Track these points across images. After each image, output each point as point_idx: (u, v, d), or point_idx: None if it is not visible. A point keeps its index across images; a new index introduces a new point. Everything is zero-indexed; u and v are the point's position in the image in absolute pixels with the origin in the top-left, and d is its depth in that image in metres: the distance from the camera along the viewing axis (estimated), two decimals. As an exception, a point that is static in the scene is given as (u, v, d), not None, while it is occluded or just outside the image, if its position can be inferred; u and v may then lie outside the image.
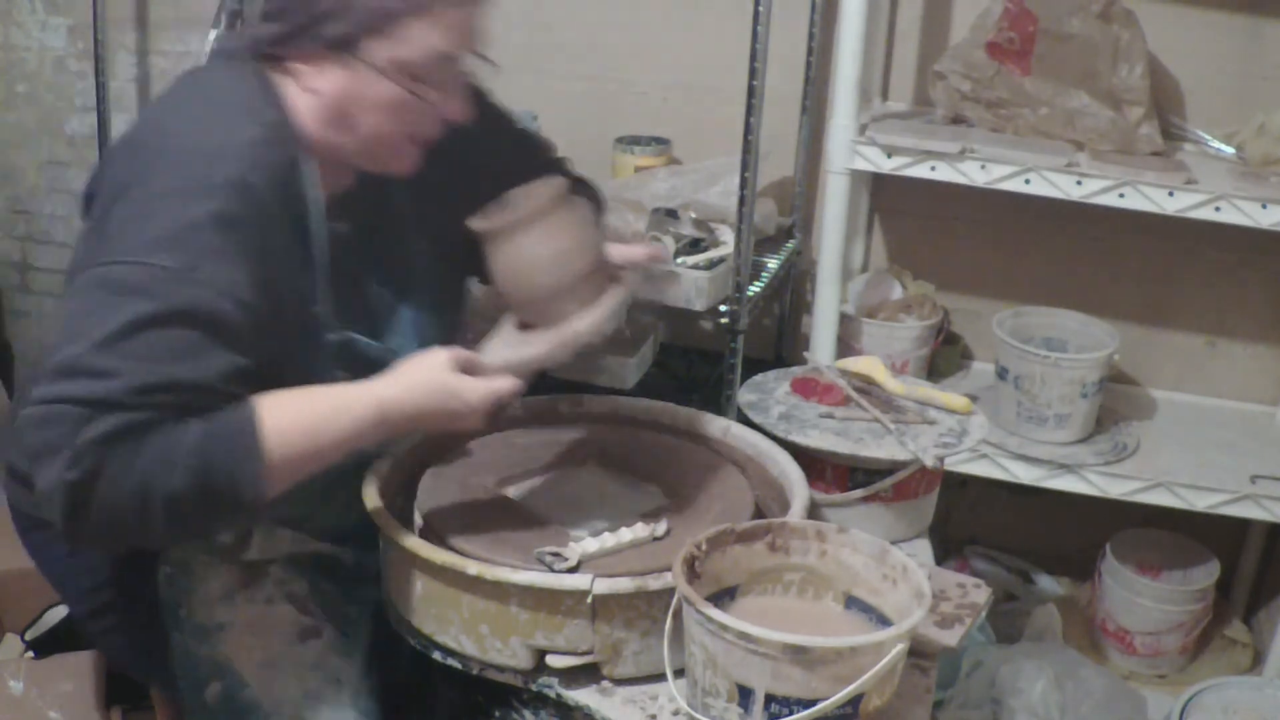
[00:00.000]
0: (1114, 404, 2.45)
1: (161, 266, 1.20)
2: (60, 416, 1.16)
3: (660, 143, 2.49)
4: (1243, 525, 2.52)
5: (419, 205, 1.54)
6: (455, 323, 1.64)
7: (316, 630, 1.52)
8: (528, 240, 1.40)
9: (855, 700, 1.19)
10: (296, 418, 1.27)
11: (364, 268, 1.50)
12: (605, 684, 1.36)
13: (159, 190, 1.25)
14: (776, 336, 2.60)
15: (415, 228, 1.55)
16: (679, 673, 1.29)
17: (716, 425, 1.72)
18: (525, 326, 1.46)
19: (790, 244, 2.47)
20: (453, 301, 1.65)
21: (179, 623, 1.49)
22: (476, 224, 1.42)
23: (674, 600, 1.29)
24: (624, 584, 1.31)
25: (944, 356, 2.56)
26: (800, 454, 1.64)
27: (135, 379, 1.17)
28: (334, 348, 1.42)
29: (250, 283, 1.26)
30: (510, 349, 1.43)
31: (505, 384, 1.37)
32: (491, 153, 1.57)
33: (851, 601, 1.34)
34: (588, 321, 1.40)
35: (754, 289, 2.21)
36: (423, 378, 1.34)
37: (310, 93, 1.37)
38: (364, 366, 1.41)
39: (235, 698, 1.47)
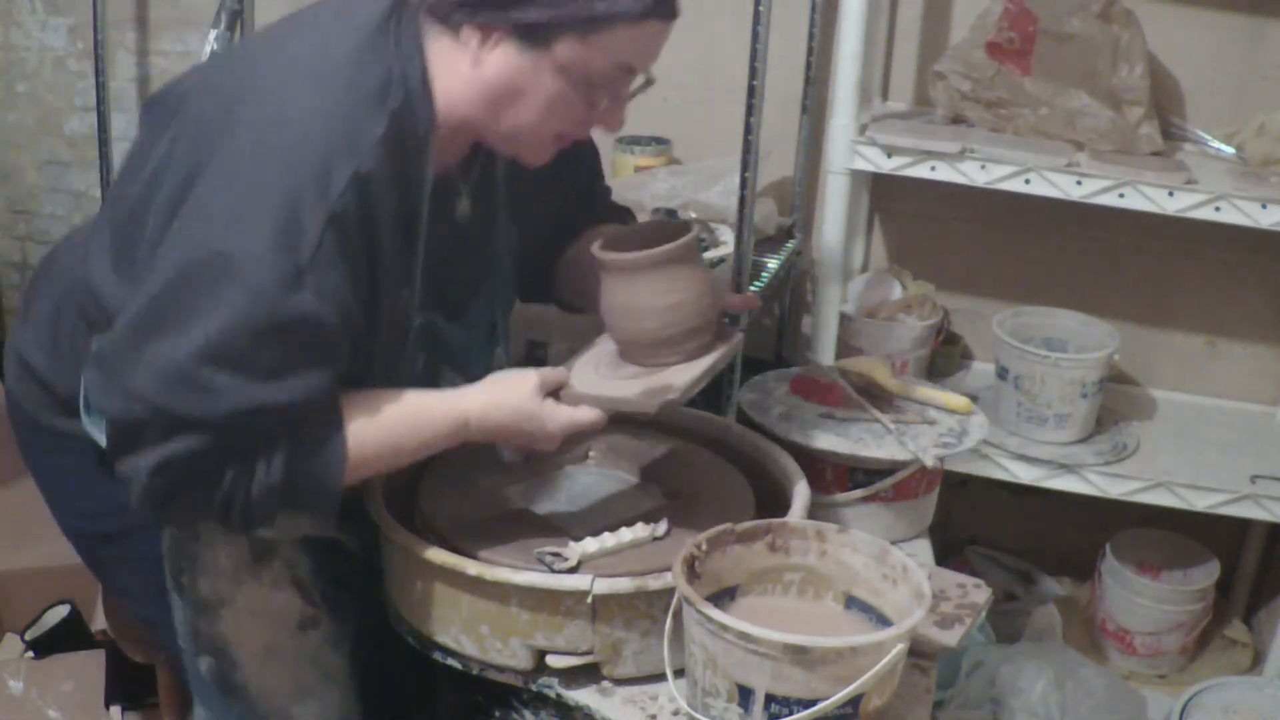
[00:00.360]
0: (1114, 404, 2.45)
1: (270, 264, 1.18)
2: (151, 422, 1.19)
3: (660, 143, 2.49)
4: (1243, 525, 2.52)
5: (515, 197, 1.52)
6: (508, 318, 1.62)
7: (315, 620, 1.50)
8: (648, 283, 1.38)
9: (855, 700, 1.19)
10: (380, 432, 1.31)
11: (453, 250, 1.47)
12: (605, 684, 1.36)
13: (271, 180, 1.21)
14: (776, 336, 2.60)
15: (508, 218, 1.53)
16: (679, 673, 1.29)
17: (716, 425, 1.72)
18: (623, 355, 1.45)
19: (790, 244, 2.46)
20: (512, 299, 1.64)
21: (180, 589, 1.47)
22: (600, 253, 1.40)
23: (674, 600, 1.29)
24: (624, 584, 1.31)
25: (944, 356, 2.56)
26: (800, 454, 1.64)
27: (231, 402, 1.19)
28: (417, 331, 1.41)
29: (354, 289, 1.25)
30: (601, 379, 1.42)
31: (587, 416, 1.36)
32: (580, 162, 1.56)
33: (851, 601, 1.34)
34: (685, 379, 1.38)
35: (754, 289, 2.21)
36: (509, 398, 1.35)
37: (473, 65, 1.31)
38: (441, 350, 1.41)
39: (228, 677, 1.46)
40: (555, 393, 1.37)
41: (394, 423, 1.32)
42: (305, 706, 1.48)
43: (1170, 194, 2.12)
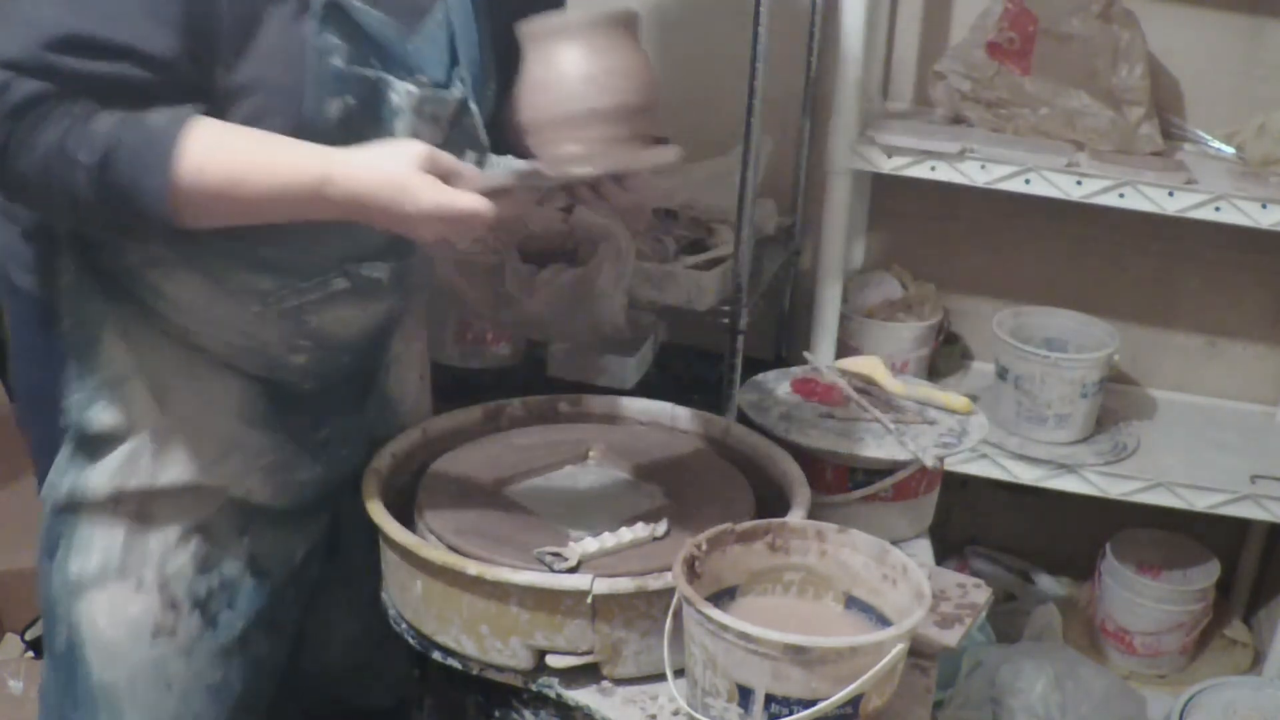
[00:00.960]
0: (1114, 404, 2.45)
1: None
2: None
3: (660, 143, 2.48)
4: (1243, 525, 2.52)
5: None
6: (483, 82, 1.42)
7: (170, 629, 1.47)
8: (567, 52, 1.25)
9: (855, 700, 1.19)
10: (227, 154, 1.18)
11: None
12: (605, 684, 1.36)
13: None
14: (776, 336, 2.60)
15: None
16: (679, 673, 1.29)
17: (716, 425, 1.72)
18: (534, 147, 1.31)
19: (790, 244, 2.47)
20: (475, 47, 1.40)
21: (51, 555, 1.46)
22: (525, 26, 1.28)
23: (674, 600, 1.29)
24: (624, 584, 1.31)
25: (944, 356, 2.56)
26: (800, 454, 1.64)
27: (52, 25, 1.11)
28: (324, 8, 1.23)
29: None
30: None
31: (467, 203, 1.19)
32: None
33: (851, 601, 1.34)
34: (588, 160, 1.24)
35: (754, 289, 2.21)
36: (382, 163, 1.20)
37: None
38: (360, 38, 1.26)
39: (72, 655, 1.46)
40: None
41: (246, 150, 1.19)
42: (136, 710, 1.46)
43: (1170, 194, 2.12)
